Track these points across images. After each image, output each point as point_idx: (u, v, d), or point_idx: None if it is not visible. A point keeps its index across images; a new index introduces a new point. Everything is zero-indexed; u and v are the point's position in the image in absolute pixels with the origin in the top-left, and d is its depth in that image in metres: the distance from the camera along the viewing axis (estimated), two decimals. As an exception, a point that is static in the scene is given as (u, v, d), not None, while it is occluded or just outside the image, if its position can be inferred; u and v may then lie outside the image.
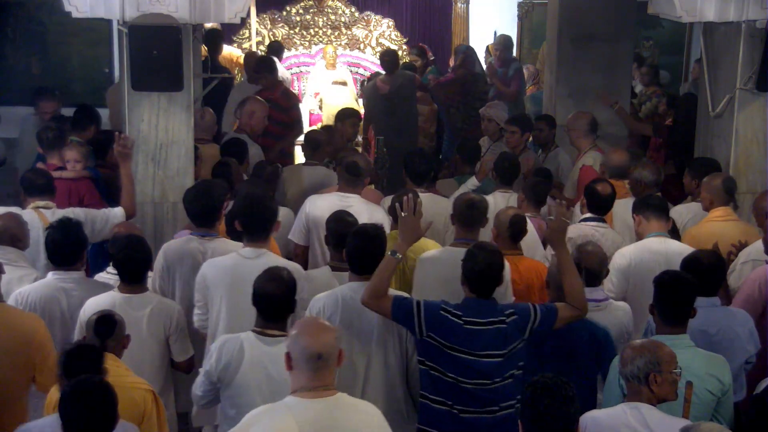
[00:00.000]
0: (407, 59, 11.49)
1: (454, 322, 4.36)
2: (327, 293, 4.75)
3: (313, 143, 7.53)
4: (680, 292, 4.41)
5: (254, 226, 5.04)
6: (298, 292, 4.74)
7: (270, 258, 4.97)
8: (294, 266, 5.02)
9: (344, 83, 11.36)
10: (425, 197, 6.15)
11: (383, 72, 10.02)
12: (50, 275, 5.10)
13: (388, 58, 10.02)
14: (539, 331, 4.45)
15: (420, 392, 4.48)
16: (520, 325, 4.41)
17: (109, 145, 7.20)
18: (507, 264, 4.86)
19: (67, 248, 5.09)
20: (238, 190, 6.08)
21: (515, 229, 5.39)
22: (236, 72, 10.88)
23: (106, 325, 4.32)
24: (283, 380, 4.03)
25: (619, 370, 3.94)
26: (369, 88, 10.06)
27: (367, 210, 5.91)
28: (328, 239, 5.29)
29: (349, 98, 11.04)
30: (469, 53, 10.14)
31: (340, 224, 5.19)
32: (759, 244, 5.55)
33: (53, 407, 4.12)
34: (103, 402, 3.58)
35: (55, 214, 5.82)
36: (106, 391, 3.61)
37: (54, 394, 4.18)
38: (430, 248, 5.45)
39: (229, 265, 4.96)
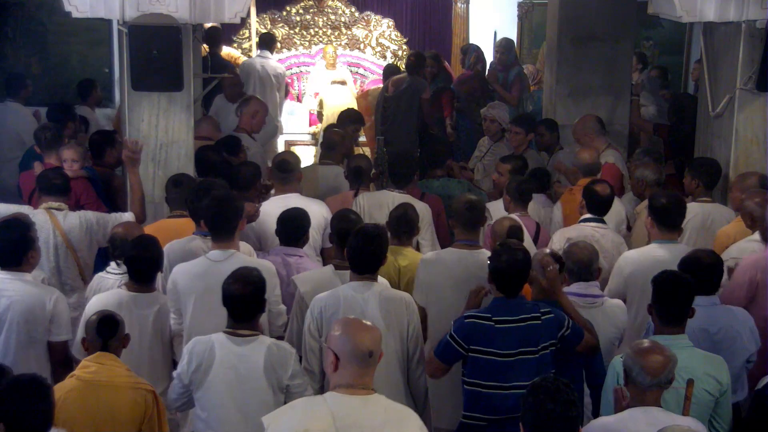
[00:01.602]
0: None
1: (485, 324, 4.40)
2: (328, 293, 4.75)
3: (329, 143, 7.52)
4: (678, 292, 4.41)
5: (220, 226, 5.01)
6: (271, 290, 4.80)
7: (239, 259, 4.94)
8: (266, 265, 5.04)
9: (343, 82, 11.35)
10: (402, 198, 6.21)
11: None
12: None
13: (411, 59, 10.08)
14: (569, 340, 4.48)
15: (463, 413, 4.51)
16: (554, 324, 4.45)
17: (106, 145, 7.23)
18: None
19: (7, 248, 5.01)
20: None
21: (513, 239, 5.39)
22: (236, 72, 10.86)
23: (109, 325, 4.32)
24: (254, 379, 4.12)
25: (643, 378, 3.82)
26: (383, 88, 10.16)
27: (305, 205, 5.94)
28: (332, 238, 5.33)
29: (349, 98, 11.04)
30: (481, 51, 10.52)
31: (344, 222, 5.22)
32: (740, 244, 5.60)
33: None
34: (42, 399, 3.55)
35: (67, 216, 5.82)
36: (43, 388, 3.59)
37: None
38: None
39: (200, 270, 4.92)
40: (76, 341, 4.80)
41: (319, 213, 6.10)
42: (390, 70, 10.49)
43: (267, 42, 10.91)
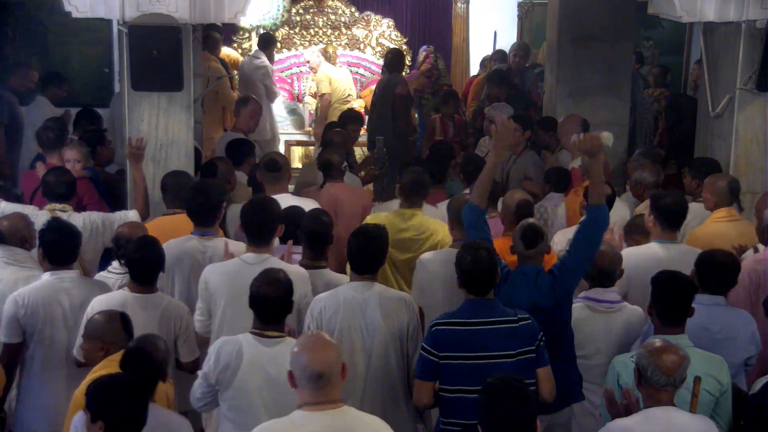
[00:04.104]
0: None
1: (453, 329, 4.34)
2: (328, 293, 4.76)
3: (329, 143, 7.49)
4: (678, 291, 4.42)
5: (257, 230, 5.01)
6: (301, 297, 4.79)
7: (273, 263, 4.91)
8: (300, 271, 5.01)
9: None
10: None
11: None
12: (47, 275, 5.07)
13: (387, 56, 10.17)
14: (540, 352, 4.40)
15: (442, 420, 4.40)
16: (533, 331, 4.38)
17: (95, 144, 7.26)
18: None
19: (64, 247, 5.09)
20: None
21: (522, 213, 5.41)
22: (234, 73, 10.85)
23: (130, 323, 4.38)
24: (283, 381, 4.04)
25: (658, 377, 3.82)
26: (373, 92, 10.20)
27: (298, 204, 5.89)
28: (301, 237, 5.30)
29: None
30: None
31: (315, 223, 5.22)
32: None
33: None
34: (140, 399, 3.60)
35: (71, 217, 5.83)
36: (141, 388, 3.65)
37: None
38: (432, 226, 5.60)
39: (233, 271, 4.92)
40: (76, 344, 4.78)
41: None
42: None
43: (261, 42, 10.78)
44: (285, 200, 6.00)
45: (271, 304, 4.24)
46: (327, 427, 3.46)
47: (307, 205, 5.92)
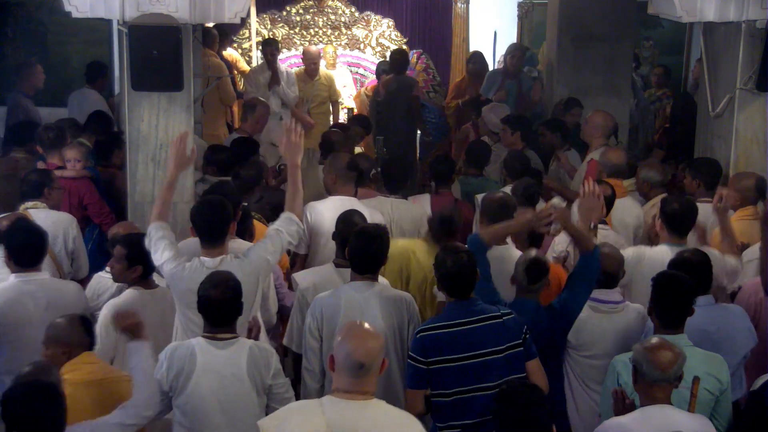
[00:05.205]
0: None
1: (440, 333, 4.33)
2: (329, 293, 4.76)
3: (327, 144, 7.51)
4: (679, 292, 4.42)
5: (207, 232, 4.87)
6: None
7: (229, 263, 4.77)
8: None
9: None
10: (398, 203, 6.29)
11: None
12: (12, 277, 5.02)
13: (395, 57, 10.14)
14: (528, 345, 4.41)
15: (438, 425, 4.39)
16: (518, 324, 4.39)
17: (113, 147, 7.25)
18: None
19: (29, 248, 5.04)
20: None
21: (533, 231, 5.41)
22: (235, 73, 10.83)
23: (88, 326, 4.36)
24: (239, 382, 4.10)
25: (652, 372, 3.84)
26: (374, 92, 10.18)
27: (361, 209, 5.84)
28: (335, 236, 5.31)
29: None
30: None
31: (347, 225, 5.20)
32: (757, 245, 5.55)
33: None
34: (55, 405, 3.50)
35: (41, 211, 5.85)
36: (57, 394, 3.54)
37: None
38: (417, 248, 5.57)
39: (195, 276, 4.70)
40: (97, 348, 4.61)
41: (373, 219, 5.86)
42: (382, 68, 10.50)
43: (267, 44, 10.62)
44: (349, 204, 5.94)
45: (220, 307, 4.21)
46: (353, 416, 3.50)
47: (371, 211, 5.91)
